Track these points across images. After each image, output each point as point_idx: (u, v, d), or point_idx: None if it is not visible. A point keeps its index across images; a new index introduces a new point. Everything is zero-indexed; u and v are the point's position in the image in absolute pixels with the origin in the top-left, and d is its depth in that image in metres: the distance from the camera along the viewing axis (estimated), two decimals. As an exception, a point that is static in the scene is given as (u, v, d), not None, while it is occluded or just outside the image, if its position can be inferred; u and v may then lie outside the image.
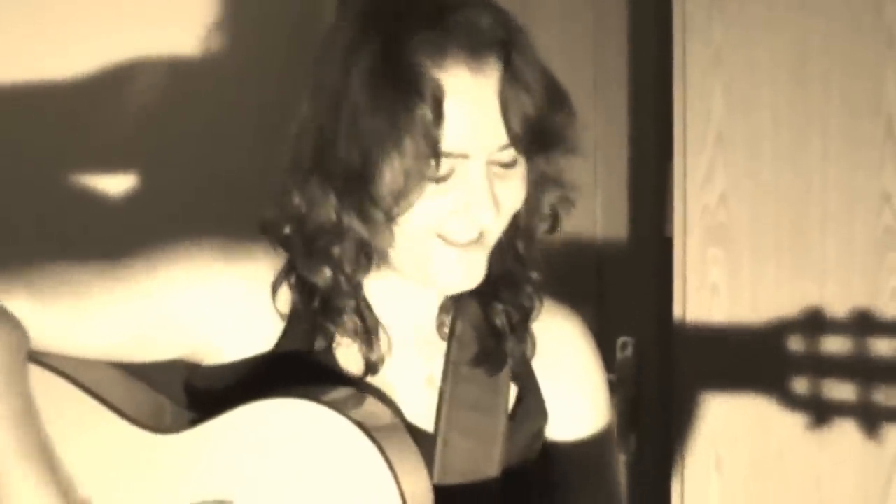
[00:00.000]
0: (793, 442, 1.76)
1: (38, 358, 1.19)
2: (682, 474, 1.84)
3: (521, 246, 1.26)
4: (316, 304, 1.22)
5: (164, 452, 1.18)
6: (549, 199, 1.25)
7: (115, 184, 1.94)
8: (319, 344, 1.22)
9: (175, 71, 1.95)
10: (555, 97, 1.18)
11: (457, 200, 1.15)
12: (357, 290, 1.23)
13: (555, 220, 1.26)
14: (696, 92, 1.80)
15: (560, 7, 2.07)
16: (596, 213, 2.08)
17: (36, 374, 1.18)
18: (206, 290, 1.21)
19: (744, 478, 1.82)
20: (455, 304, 1.29)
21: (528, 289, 1.28)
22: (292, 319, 1.23)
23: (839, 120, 1.76)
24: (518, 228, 1.25)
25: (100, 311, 1.19)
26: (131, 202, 1.95)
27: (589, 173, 2.05)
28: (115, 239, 1.55)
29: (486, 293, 1.27)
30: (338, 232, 1.18)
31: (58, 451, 1.18)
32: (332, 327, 1.22)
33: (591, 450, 1.35)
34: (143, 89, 1.94)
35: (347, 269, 1.20)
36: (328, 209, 1.17)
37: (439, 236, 1.17)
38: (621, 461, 1.98)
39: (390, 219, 1.14)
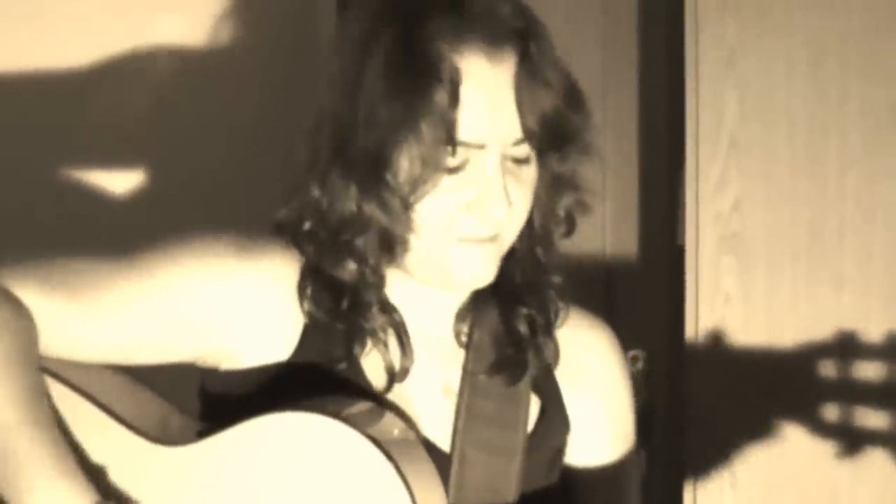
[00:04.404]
0: (809, 458, 1.74)
1: (43, 366, 1.16)
2: (695, 492, 1.82)
3: (539, 252, 1.25)
4: (344, 304, 1.20)
5: (170, 465, 1.15)
6: (565, 202, 1.24)
7: (123, 179, 1.95)
8: (342, 349, 1.20)
9: (183, 65, 1.97)
10: (571, 94, 1.18)
11: (470, 194, 1.15)
12: (381, 286, 1.22)
13: (570, 223, 1.25)
14: (708, 95, 1.79)
15: (568, 9, 2.06)
16: (605, 220, 2.07)
17: None
18: (224, 286, 1.19)
19: (759, 495, 1.80)
20: (473, 312, 1.26)
21: (551, 294, 1.26)
22: (312, 323, 1.21)
23: (856, 124, 1.75)
24: (534, 234, 1.23)
25: (117, 307, 1.17)
26: (138, 198, 1.96)
27: (598, 179, 2.03)
28: (123, 235, 1.54)
29: (508, 299, 1.25)
30: (360, 223, 1.17)
31: None
32: (362, 324, 1.20)
33: (611, 476, 1.32)
34: (150, 83, 1.95)
35: (372, 260, 1.19)
36: (349, 201, 1.16)
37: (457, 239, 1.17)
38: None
39: (407, 206, 1.14)
